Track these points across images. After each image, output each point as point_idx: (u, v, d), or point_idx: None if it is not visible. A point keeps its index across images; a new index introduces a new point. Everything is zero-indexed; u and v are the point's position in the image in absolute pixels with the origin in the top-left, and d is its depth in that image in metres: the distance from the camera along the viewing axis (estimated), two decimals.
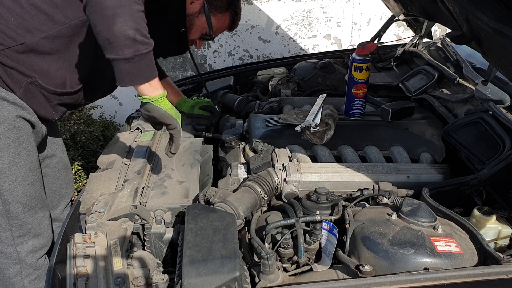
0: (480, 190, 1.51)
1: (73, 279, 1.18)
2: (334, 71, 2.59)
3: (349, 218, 1.34)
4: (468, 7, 1.26)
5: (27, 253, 1.74)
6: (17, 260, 1.74)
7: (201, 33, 1.79)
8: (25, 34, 1.53)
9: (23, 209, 1.68)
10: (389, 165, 1.66)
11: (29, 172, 1.68)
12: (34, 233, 1.75)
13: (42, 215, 1.77)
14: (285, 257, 1.31)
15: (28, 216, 1.71)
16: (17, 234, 1.71)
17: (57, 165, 1.99)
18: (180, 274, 1.11)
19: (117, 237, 1.30)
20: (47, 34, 1.54)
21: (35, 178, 1.71)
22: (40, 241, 1.77)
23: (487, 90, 1.77)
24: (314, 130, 1.80)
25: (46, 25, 1.54)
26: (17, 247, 1.72)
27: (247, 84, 2.79)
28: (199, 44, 1.85)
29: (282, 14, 4.06)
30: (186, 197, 1.51)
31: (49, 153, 1.94)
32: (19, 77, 1.58)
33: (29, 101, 1.63)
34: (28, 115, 1.65)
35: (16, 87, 1.59)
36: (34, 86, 1.61)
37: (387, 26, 2.77)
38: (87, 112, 4.15)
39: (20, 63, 1.56)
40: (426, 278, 1.11)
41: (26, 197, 1.68)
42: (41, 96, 1.65)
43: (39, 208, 1.75)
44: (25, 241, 1.73)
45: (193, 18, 1.73)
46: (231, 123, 2.11)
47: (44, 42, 1.55)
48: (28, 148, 1.66)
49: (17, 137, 1.61)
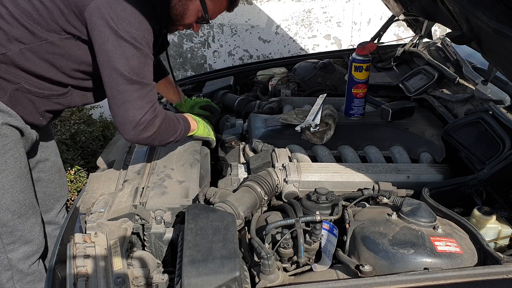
0: (480, 190, 1.51)
1: (73, 279, 1.18)
2: (334, 71, 2.59)
3: (349, 218, 1.34)
4: (468, 7, 1.26)
5: (18, 260, 1.73)
6: (8, 267, 1.72)
7: (196, 17, 1.71)
8: (6, 44, 1.51)
9: (12, 216, 1.66)
10: (389, 165, 1.66)
11: (17, 179, 1.65)
12: (25, 240, 1.73)
13: (33, 222, 1.74)
14: (285, 257, 1.31)
15: (18, 223, 1.68)
16: (7, 241, 1.69)
17: (50, 169, 1.97)
18: (180, 274, 1.11)
19: (117, 237, 1.30)
20: (28, 47, 1.52)
21: (24, 185, 1.69)
22: (32, 247, 1.75)
23: (487, 90, 1.77)
24: (314, 130, 1.80)
25: (26, 38, 1.52)
26: (8, 254, 1.71)
27: (247, 84, 2.79)
28: (197, 28, 1.78)
29: (282, 14, 4.06)
30: (186, 197, 1.51)
31: (42, 157, 1.92)
32: (4, 83, 1.56)
33: (15, 107, 1.60)
34: (15, 121, 1.61)
35: (1, 94, 1.56)
36: (20, 92, 1.59)
37: (387, 26, 2.77)
38: (87, 112, 4.15)
39: (2, 70, 1.54)
40: (426, 278, 1.11)
41: (15, 204, 1.66)
42: (27, 102, 1.62)
43: (30, 214, 1.73)
44: (16, 248, 1.71)
45: (187, 1, 1.66)
46: (231, 123, 2.11)
47: (26, 53, 1.53)
48: (15, 155, 1.63)
49: (3, 145, 1.58)
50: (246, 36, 4.14)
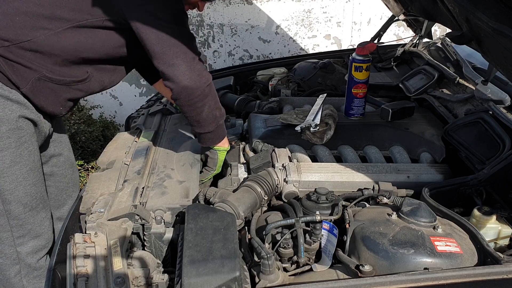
0: (480, 190, 1.51)
1: (73, 279, 1.18)
2: (334, 71, 2.59)
3: (349, 218, 1.34)
4: (468, 7, 1.26)
5: (27, 254, 1.74)
6: (16, 261, 1.73)
7: None
8: (31, 31, 1.53)
9: (23, 209, 1.68)
10: (389, 165, 1.66)
11: (30, 172, 1.67)
12: (35, 234, 1.74)
13: (43, 216, 1.76)
14: (285, 257, 1.31)
15: (28, 216, 1.70)
16: (17, 235, 1.70)
17: (63, 164, 1.98)
18: (180, 274, 1.11)
19: (117, 237, 1.30)
20: (53, 32, 1.54)
21: (36, 179, 1.71)
22: (41, 242, 1.77)
23: (487, 90, 1.77)
24: (314, 130, 1.80)
25: (52, 24, 1.54)
26: (17, 247, 1.72)
27: (247, 84, 2.79)
28: (201, 7, 1.81)
29: (282, 14, 4.05)
30: (186, 197, 1.51)
31: (56, 152, 1.94)
32: (27, 73, 1.57)
33: (36, 97, 1.62)
34: (31, 114, 1.63)
35: (23, 84, 1.57)
36: (42, 82, 1.60)
37: (387, 26, 2.77)
38: (87, 112, 4.15)
39: (26, 59, 1.55)
40: (426, 278, 1.11)
41: (27, 197, 1.68)
42: (49, 91, 1.63)
43: (41, 208, 1.74)
44: (25, 242, 1.72)
45: None
46: (231, 123, 2.11)
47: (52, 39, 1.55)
48: (29, 148, 1.65)
49: (18, 137, 1.60)
50: (246, 36, 4.14)
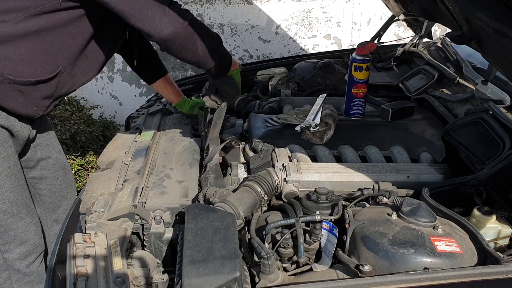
0: (480, 190, 1.51)
1: (73, 279, 1.18)
2: (334, 71, 2.59)
3: (349, 218, 1.34)
4: (468, 7, 1.26)
5: (15, 260, 1.72)
6: (4, 267, 1.71)
7: None
8: None
9: (3, 216, 1.65)
10: (389, 165, 1.66)
11: (7, 178, 1.63)
12: (20, 240, 1.71)
13: (28, 221, 1.73)
14: (285, 257, 1.31)
15: (10, 223, 1.67)
16: (1, 242, 1.68)
17: (53, 166, 1.96)
18: (180, 274, 1.11)
19: (117, 237, 1.30)
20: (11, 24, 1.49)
21: (14, 184, 1.67)
22: (27, 247, 1.74)
23: (487, 90, 1.76)
24: (314, 130, 1.80)
25: (8, 16, 1.48)
26: (3, 254, 1.70)
27: (247, 84, 2.79)
28: None
29: (282, 14, 4.06)
30: (186, 197, 1.51)
31: (44, 155, 1.91)
32: None
33: (3, 101, 1.56)
34: (1, 119, 1.58)
35: None
36: (6, 85, 1.55)
37: (387, 26, 2.77)
38: (87, 112, 4.15)
39: None
40: (426, 278, 1.11)
41: (6, 203, 1.65)
42: (16, 93, 1.57)
43: (25, 214, 1.71)
44: (11, 249, 1.70)
45: None
46: (231, 123, 2.11)
47: (12, 31, 1.49)
48: (3, 154, 1.61)
49: None
50: (246, 36, 4.14)
